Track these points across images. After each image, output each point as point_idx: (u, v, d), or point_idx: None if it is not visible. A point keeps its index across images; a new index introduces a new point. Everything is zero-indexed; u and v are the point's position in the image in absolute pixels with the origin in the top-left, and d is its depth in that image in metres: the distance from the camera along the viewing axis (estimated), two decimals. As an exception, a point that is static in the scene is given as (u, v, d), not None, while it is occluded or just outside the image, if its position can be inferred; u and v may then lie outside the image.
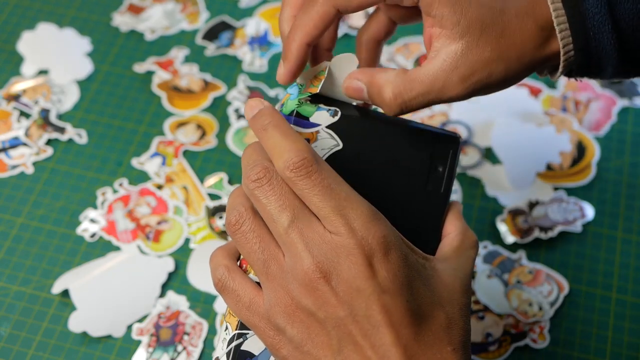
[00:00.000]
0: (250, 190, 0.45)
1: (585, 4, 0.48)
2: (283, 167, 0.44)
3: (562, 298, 0.66)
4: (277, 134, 0.45)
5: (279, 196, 0.44)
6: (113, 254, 0.68)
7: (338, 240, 0.43)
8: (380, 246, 0.44)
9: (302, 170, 0.44)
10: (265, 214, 0.45)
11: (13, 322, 0.65)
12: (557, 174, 0.73)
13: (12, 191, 0.72)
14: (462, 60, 0.48)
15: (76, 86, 0.79)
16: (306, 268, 0.43)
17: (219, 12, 0.85)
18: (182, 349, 0.63)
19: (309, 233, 0.44)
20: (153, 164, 0.74)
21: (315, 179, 0.44)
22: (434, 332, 0.44)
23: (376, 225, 0.44)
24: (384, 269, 0.44)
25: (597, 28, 0.48)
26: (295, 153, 0.44)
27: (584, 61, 0.49)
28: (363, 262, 0.43)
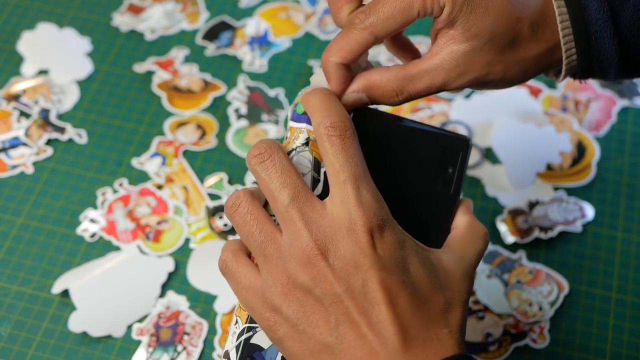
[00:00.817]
0: (252, 165, 0.46)
1: (588, 10, 0.49)
2: (319, 122, 0.46)
3: (562, 298, 0.66)
4: (324, 97, 0.47)
5: (280, 173, 0.46)
6: (113, 254, 0.68)
7: (340, 215, 0.44)
8: (379, 226, 0.45)
9: (336, 131, 0.45)
10: (266, 191, 0.46)
11: (13, 322, 0.65)
12: (557, 174, 0.73)
13: (12, 191, 0.72)
14: (462, 60, 0.49)
15: (76, 86, 0.79)
16: (304, 245, 0.44)
17: (219, 12, 0.85)
18: (182, 349, 0.63)
19: (308, 211, 0.45)
20: (153, 164, 0.74)
21: (344, 144, 0.45)
22: (432, 314, 0.45)
23: (381, 207, 0.45)
24: (381, 248, 0.44)
25: (599, 34, 0.49)
26: (335, 114, 0.46)
27: (587, 65, 0.51)
28: (364, 237, 0.44)
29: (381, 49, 0.82)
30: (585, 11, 0.49)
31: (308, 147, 0.48)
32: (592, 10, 0.49)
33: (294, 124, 0.49)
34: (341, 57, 0.49)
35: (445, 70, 0.49)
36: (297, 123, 0.49)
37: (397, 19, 0.48)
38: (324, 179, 0.48)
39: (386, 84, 0.49)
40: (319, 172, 0.48)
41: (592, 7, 0.49)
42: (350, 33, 0.49)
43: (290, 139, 0.49)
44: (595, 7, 0.49)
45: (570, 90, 0.78)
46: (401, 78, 0.49)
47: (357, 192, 0.45)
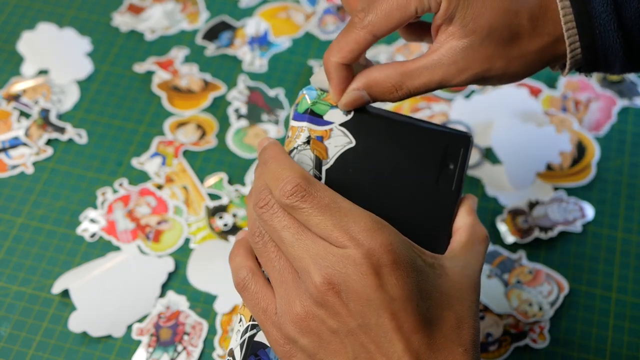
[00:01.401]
0: (258, 215, 0.47)
1: (592, 3, 0.49)
2: (279, 196, 0.46)
3: (562, 298, 0.66)
4: (274, 166, 0.47)
5: (281, 218, 0.46)
6: (113, 254, 0.68)
7: (344, 252, 0.44)
8: (387, 255, 0.44)
9: (296, 196, 0.45)
10: (274, 236, 0.46)
11: (13, 322, 0.65)
12: (557, 174, 0.73)
13: (12, 191, 0.72)
14: (461, 56, 0.49)
15: (76, 86, 0.79)
16: (316, 282, 0.44)
17: (219, 12, 0.85)
18: (182, 349, 0.63)
19: (314, 248, 0.45)
20: (153, 164, 0.74)
21: (311, 202, 0.45)
22: (444, 334, 0.45)
23: (380, 234, 0.44)
24: (393, 277, 0.44)
25: (603, 27, 0.49)
26: (287, 181, 0.46)
27: (591, 58, 0.50)
28: (371, 272, 0.44)
29: (381, 48, 0.82)
30: (588, 4, 0.49)
31: (309, 145, 0.49)
32: (595, 3, 0.49)
33: (295, 122, 0.50)
34: (342, 57, 0.49)
35: (444, 66, 0.49)
36: (298, 122, 0.49)
37: (395, 16, 0.48)
38: (325, 177, 0.49)
39: (385, 80, 0.49)
40: (321, 170, 0.49)
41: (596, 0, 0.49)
42: (350, 33, 0.49)
43: (292, 138, 0.49)
44: (598, 0, 0.49)
45: (570, 90, 0.78)
46: (400, 74, 0.49)
47: (348, 233, 0.44)
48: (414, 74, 0.49)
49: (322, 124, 0.50)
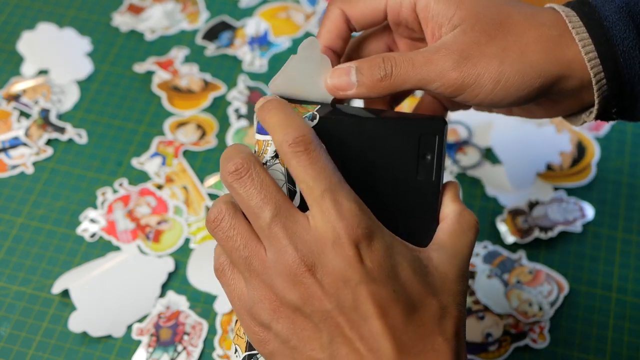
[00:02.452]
0: (229, 183, 0.44)
1: (612, 30, 0.47)
2: (282, 140, 0.44)
3: (562, 298, 0.66)
4: (280, 113, 0.45)
5: (260, 189, 0.44)
6: (113, 254, 0.68)
7: (323, 229, 0.43)
8: (365, 236, 0.43)
9: (300, 146, 0.43)
10: (246, 208, 0.44)
11: (13, 322, 0.65)
12: (557, 174, 0.73)
13: (12, 191, 0.72)
14: (456, 46, 0.47)
15: (76, 86, 0.79)
16: (290, 262, 0.43)
17: (219, 12, 0.85)
18: (182, 349, 0.63)
19: (292, 226, 0.43)
20: (153, 164, 0.74)
21: (312, 158, 0.43)
22: (425, 322, 0.43)
23: (363, 214, 0.43)
24: (369, 259, 0.43)
25: (628, 54, 0.47)
26: (295, 129, 0.44)
27: (618, 91, 0.48)
28: (349, 251, 0.42)
29: (381, 49, 0.82)
30: (608, 31, 0.47)
31: (278, 159, 0.46)
32: (616, 31, 0.47)
33: (260, 136, 0.47)
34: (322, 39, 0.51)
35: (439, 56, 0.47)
36: (263, 135, 0.47)
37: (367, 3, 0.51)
38: (300, 190, 0.46)
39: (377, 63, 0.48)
40: (294, 183, 0.46)
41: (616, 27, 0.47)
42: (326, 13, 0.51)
43: (259, 153, 0.47)
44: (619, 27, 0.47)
45: (570, 90, 0.78)
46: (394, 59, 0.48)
47: (336, 204, 0.43)
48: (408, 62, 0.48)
49: None
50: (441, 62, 0.47)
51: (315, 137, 0.44)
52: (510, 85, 0.47)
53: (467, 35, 0.48)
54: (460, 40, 0.47)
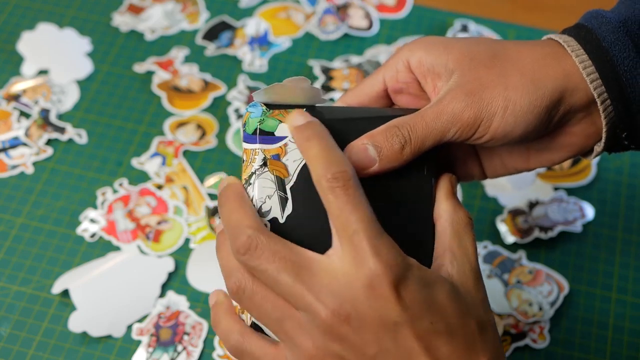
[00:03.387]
0: (243, 262, 0.44)
1: (611, 51, 0.47)
2: (321, 174, 0.43)
3: (562, 298, 0.66)
4: (320, 144, 0.44)
5: (272, 260, 0.43)
6: (113, 254, 0.68)
7: (355, 272, 0.42)
8: (402, 274, 0.42)
9: (339, 182, 0.43)
10: (265, 280, 0.44)
11: (13, 322, 0.65)
12: (557, 174, 0.73)
13: (12, 191, 0.72)
14: (459, 88, 0.47)
15: (76, 86, 0.79)
16: (324, 317, 0.42)
17: (219, 12, 0.85)
18: (182, 349, 0.63)
19: (315, 280, 0.43)
20: (153, 164, 0.74)
21: (349, 195, 0.43)
22: (468, 343, 0.43)
23: (396, 253, 0.43)
24: (406, 297, 0.42)
25: (630, 73, 0.47)
26: (336, 164, 0.43)
27: (624, 112, 0.48)
28: (387, 291, 0.42)
29: (381, 48, 0.82)
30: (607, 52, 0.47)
31: (267, 167, 0.46)
32: (615, 51, 0.47)
33: (247, 145, 0.47)
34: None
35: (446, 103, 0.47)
36: (250, 144, 0.47)
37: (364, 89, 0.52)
38: (291, 195, 0.46)
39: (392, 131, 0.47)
40: (285, 190, 0.46)
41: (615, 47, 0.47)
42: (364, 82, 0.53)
43: (248, 163, 0.47)
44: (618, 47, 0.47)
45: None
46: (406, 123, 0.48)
47: (371, 242, 0.42)
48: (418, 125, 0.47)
49: (275, 140, 0.47)
50: (451, 108, 0.47)
51: (354, 174, 0.44)
52: (519, 107, 0.47)
53: (465, 75, 0.47)
54: (461, 82, 0.47)
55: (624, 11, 0.48)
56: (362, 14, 0.84)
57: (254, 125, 0.47)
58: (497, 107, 0.47)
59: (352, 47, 0.82)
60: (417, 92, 0.52)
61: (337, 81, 0.79)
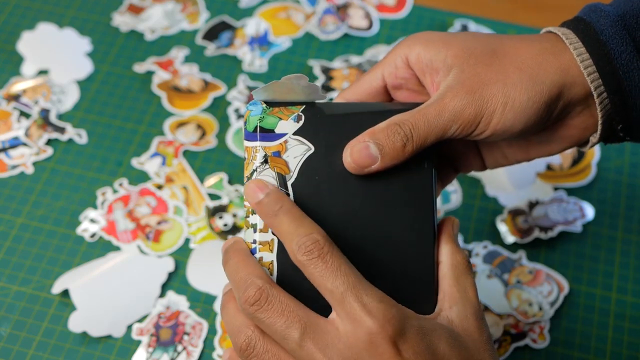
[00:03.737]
0: (251, 314, 0.44)
1: (609, 44, 0.47)
2: (295, 250, 0.44)
3: (562, 298, 0.66)
4: (288, 219, 0.45)
5: (281, 313, 0.44)
6: (113, 254, 0.68)
7: (354, 333, 0.43)
8: (397, 329, 0.43)
9: (314, 253, 0.44)
10: (273, 334, 0.44)
11: (13, 322, 0.65)
12: (557, 174, 0.73)
13: (12, 191, 0.72)
14: (459, 85, 0.47)
15: (76, 86, 0.79)
16: None
17: (219, 12, 0.85)
18: (182, 349, 0.63)
19: (322, 339, 0.43)
20: (153, 164, 0.74)
21: (326, 262, 0.44)
22: None
23: (389, 306, 0.43)
24: (406, 351, 0.43)
25: (626, 66, 0.47)
26: (307, 237, 0.44)
27: (621, 105, 0.48)
28: (387, 348, 0.43)
29: (380, 48, 0.82)
30: (605, 46, 0.47)
31: (268, 164, 0.47)
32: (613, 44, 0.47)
33: (248, 143, 0.48)
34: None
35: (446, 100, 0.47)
36: (250, 142, 0.47)
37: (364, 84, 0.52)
38: (292, 192, 0.47)
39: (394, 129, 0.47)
40: (287, 186, 0.47)
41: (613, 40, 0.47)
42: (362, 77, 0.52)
43: (249, 160, 0.47)
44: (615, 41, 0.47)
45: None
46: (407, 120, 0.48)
47: (360, 303, 0.43)
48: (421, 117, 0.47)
49: (275, 138, 0.47)
50: (452, 106, 0.47)
51: (327, 240, 0.44)
52: (518, 104, 0.47)
53: (464, 72, 0.48)
54: (460, 79, 0.48)
55: (623, 5, 0.49)
56: (362, 14, 0.84)
57: (254, 123, 0.47)
58: (496, 104, 0.47)
59: (352, 47, 0.82)
60: (416, 87, 0.52)
61: (337, 81, 0.79)
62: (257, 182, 0.47)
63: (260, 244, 0.47)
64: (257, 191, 0.46)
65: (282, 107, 0.48)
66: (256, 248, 0.47)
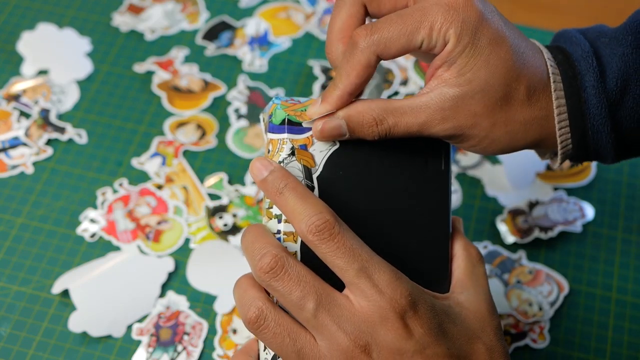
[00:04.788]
0: (266, 282, 0.45)
1: (587, 103, 0.49)
2: (305, 230, 0.44)
3: (562, 298, 0.66)
4: (295, 197, 0.45)
5: (297, 283, 0.44)
6: (113, 254, 0.68)
7: (367, 307, 0.44)
8: (409, 304, 0.44)
9: (325, 233, 0.44)
10: (287, 303, 0.45)
11: (13, 322, 0.65)
12: (557, 174, 0.73)
13: (12, 191, 0.72)
14: (449, 104, 0.48)
15: (76, 86, 0.79)
16: (344, 347, 0.43)
17: (219, 12, 0.85)
18: (182, 349, 0.63)
19: (337, 311, 0.44)
20: (153, 164, 0.74)
21: (338, 241, 0.44)
22: None
23: (400, 283, 0.44)
24: (419, 325, 0.44)
25: (597, 128, 0.49)
26: (317, 216, 0.44)
27: (582, 154, 0.51)
28: (398, 324, 0.43)
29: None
30: (584, 104, 0.49)
31: (295, 156, 0.48)
32: (590, 105, 0.49)
33: (274, 135, 0.48)
34: (350, 83, 0.47)
35: (430, 110, 0.47)
36: (277, 134, 0.48)
37: (401, 42, 0.47)
38: (317, 185, 0.48)
39: (367, 111, 0.47)
40: (312, 179, 0.48)
41: (591, 101, 0.49)
42: (353, 55, 0.47)
43: (275, 152, 0.48)
44: (594, 102, 0.49)
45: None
46: (383, 108, 0.47)
47: (372, 280, 0.44)
48: (397, 111, 0.47)
49: (303, 131, 0.48)
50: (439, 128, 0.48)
51: (336, 218, 0.45)
52: (497, 144, 0.50)
53: (463, 102, 0.48)
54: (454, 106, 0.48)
55: (623, 64, 0.49)
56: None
57: (282, 115, 0.48)
58: (478, 136, 0.49)
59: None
60: None
61: (337, 81, 0.79)
62: (261, 160, 0.47)
63: (284, 234, 0.47)
64: (261, 169, 0.47)
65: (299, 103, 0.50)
66: (281, 238, 0.47)
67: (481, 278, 0.49)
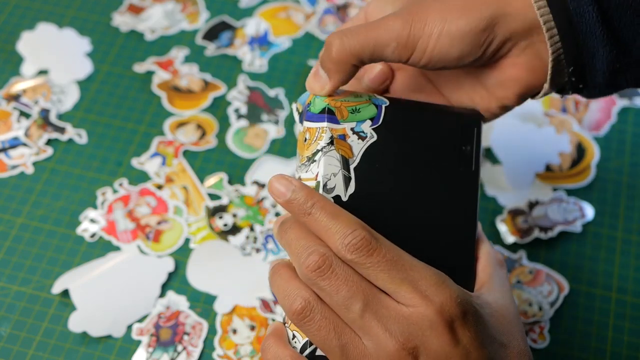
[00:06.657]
0: (313, 280, 0.44)
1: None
2: (342, 250, 0.44)
3: (562, 298, 0.66)
4: (325, 216, 0.45)
5: (344, 282, 0.44)
6: (113, 254, 0.68)
7: (416, 312, 0.43)
8: (457, 310, 0.44)
9: (362, 250, 0.43)
10: (333, 303, 0.44)
11: (13, 322, 0.65)
12: (557, 174, 0.73)
13: (12, 191, 0.72)
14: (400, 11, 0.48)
15: (76, 86, 0.79)
16: (392, 349, 0.43)
17: (219, 12, 0.85)
18: (182, 349, 0.63)
19: (385, 313, 0.43)
20: (153, 164, 0.74)
21: (377, 255, 0.44)
22: None
23: (446, 288, 0.44)
24: (466, 331, 0.44)
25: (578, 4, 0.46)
26: (352, 234, 0.44)
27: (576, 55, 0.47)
28: (446, 330, 0.43)
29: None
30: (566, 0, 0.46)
31: (334, 145, 0.48)
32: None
33: (312, 124, 0.48)
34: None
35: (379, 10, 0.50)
36: (315, 123, 0.48)
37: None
38: (354, 175, 0.48)
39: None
40: (349, 169, 0.48)
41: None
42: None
43: (312, 140, 0.48)
44: None
45: (570, 90, 0.78)
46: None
47: (418, 288, 0.43)
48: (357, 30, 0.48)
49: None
50: (390, 24, 0.47)
51: (372, 233, 0.44)
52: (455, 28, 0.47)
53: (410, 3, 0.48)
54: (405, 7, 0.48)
55: None
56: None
57: (322, 105, 0.49)
58: (433, 27, 0.47)
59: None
60: None
61: (337, 81, 0.79)
62: (279, 180, 0.46)
63: None
64: (282, 190, 0.46)
65: (346, 94, 0.50)
66: None
67: (505, 281, 0.49)
